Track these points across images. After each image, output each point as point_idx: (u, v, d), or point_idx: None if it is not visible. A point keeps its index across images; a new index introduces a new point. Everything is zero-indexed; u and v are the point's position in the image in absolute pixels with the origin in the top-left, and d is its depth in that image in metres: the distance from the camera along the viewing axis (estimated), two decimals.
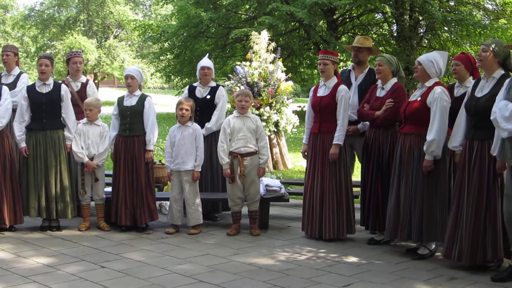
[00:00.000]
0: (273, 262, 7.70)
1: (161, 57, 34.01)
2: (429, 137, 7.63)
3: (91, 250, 8.16)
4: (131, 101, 9.39)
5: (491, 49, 7.18)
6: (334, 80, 8.87)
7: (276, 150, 15.08)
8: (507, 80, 6.92)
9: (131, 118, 9.30)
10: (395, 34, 32.44)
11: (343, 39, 32.58)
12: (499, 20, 31.91)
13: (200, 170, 9.28)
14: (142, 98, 9.40)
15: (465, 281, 6.98)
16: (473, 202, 7.20)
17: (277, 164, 15.08)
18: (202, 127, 9.82)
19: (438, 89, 7.77)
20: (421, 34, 32.87)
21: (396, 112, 8.30)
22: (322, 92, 8.88)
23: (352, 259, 7.91)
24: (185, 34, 31.07)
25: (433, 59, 7.93)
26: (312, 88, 9.17)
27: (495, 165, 7.00)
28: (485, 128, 7.09)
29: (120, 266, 7.40)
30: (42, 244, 8.42)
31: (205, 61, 10.31)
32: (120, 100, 9.52)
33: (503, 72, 7.20)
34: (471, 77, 8.06)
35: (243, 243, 8.64)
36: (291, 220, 10.14)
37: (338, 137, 8.67)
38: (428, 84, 7.92)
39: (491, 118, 6.70)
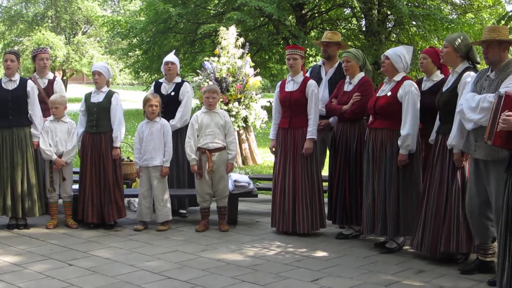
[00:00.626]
0: (241, 258, 7.70)
1: (130, 53, 33.86)
2: (404, 131, 7.67)
3: (58, 248, 8.09)
4: (98, 98, 9.32)
5: (451, 45, 7.25)
6: (302, 75, 8.89)
7: (245, 145, 15.09)
8: (467, 73, 7.02)
9: (98, 115, 9.24)
10: (364, 29, 32.56)
11: (312, 34, 32.66)
12: (467, 15, 32.12)
13: (168, 165, 9.25)
14: (110, 94, 9.34)
15: (433, 274, 7.03)
16: (434, 195, 7.30)
17: (246, 159, 15.08)
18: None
19: (408, 83, 7.84)
20: (390, 28, 33.03)
21: (363, 106, 8.33)
22: (290, 87, 8.88)
23: (320, 253, 7.93)
24: (153, 30, 30.94)
25: (401, 54, 7.97)
26: (279, 84, 9.16)
27: None
28: (447, 122, 7.18)
29: (87, 264, 7.35)
30: (9, 242, 8.34)
31: (170, 56, 10.26)
32: (87, 96, 9.45)
33: (466, 65, 7.26)
34: (438, 71, 8.12)
35: (212, 239, 8.62)
36: (260, 216, 10.14)
37: (312, 132, 8.69)
38: (397, 78, 7.95)
39: (457, 110, 6.76)
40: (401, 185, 7.85)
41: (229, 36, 14.71)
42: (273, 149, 9.09)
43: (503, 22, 11.52)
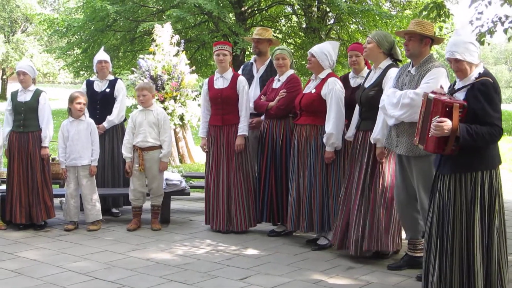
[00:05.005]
0: (171, 257, 7.63)
1: (69, 52, 33.37)
2: (328, 129, 7.73)
3: None
4: (25, 97, 9.13)
5: (374, 40, 7.29)
6: (231, 71, 8.89)
7: (182, 143, 15.01)
8: (392, 69, 7.07)
9: (25, 114, 9.06)
10: (304, 26, 32.64)
11: (252, 30, 32.61)
12: (405, 12, 32.39)
13: (96, 164, 9.14)
14: (37, 93, 9.16)
15: (362, 270, 7.07)
16: (355, 192, 7.35)
17: (184, 157, 15.01)
18: (103, 120, 9.81)
19: (331, 80, 7.91)
20: (330, 26, 33.16)
21: (289, 103, 8.34)
22: (220, 84, 8.85)
23: (251, 251, 7.90)
24: (92, 28, 30.56)
25: (326, 51, 8.01)
26: (206, 81, 9.13)
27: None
28: (369, 118, 7.24)
29: (13, 266, 7.21)
30: None
31: (102, 55, 10.14)
32: (14, 95, 9.24)
33: (389, 62, 7.31)
34: (366, 67, 8.18)
35: (143, 239, 8.53)
36: (193, 214, 10.09)
37: (243, 128, 8.72)
38: (322, 75, 7.99)
39: (380, 105, 6.80)
40: (326, 181, 7.89)
41: (164, 33, 14.60)
42: (204, 147, 9.03)
43: (425, 12, 11.65)
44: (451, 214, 5.49)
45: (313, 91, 7.97)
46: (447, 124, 5.30)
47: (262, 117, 8.97)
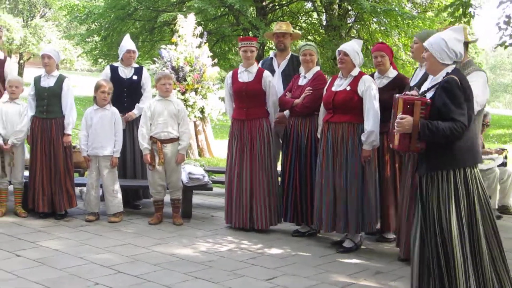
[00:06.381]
0: (194, 253, 7.52)
1: (88, 39, 33.36)
2: (368, 127, 7.62)
3: (6, 237, 7.84)
4: (49, 82, 9.03)
5: (422, 41, 7.16)
6: (256, 65, 8.82)
7: (201, 137, 14.89)
8: None
9: (48, 100, 8.95)
10: (324, 23, 32.52)
11: (273, 25, 32.52)
12: (427, 13, 32.25)
13: (119, 155, 9.03)
14: (61, 79, 9.07)
15: (390, 276, 6.93)
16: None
17: (203, 151, 14.89)
18: (132, 107, 9.77)
19: (367, 78, 7.85)
20: (350, 24, 33.04)
21: (316, 100, 8.23)
22: (245, 77, 8.76)
23: (276, 251, 7.78)
24: (112, 16, 30.53)
25: (357, 50, 7.94)
26: (229, 75, 9.03)
27: None
28: None
29: (35, 255, 7.11)
30: None
31: (130, 44, 10.04)
32: (37, 80, 9.12)
33: None
34: (391, 67, 8.18)
35: (165, 233, 8.43)
36: (215, 210, 9.99)
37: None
38: (354, 73, 7.89)
39: None
40: (363, 181, 7.76)
41: (187, 24, 14.48)
42: None
43: (450, 9, 11.50)
44: (430, 214, 5.54)
45: (348, 88, 7.83)
46: (408, 120, 5.43)
47: (286, 112, 8.84)
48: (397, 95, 5.69)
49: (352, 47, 7.96)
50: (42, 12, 55.60)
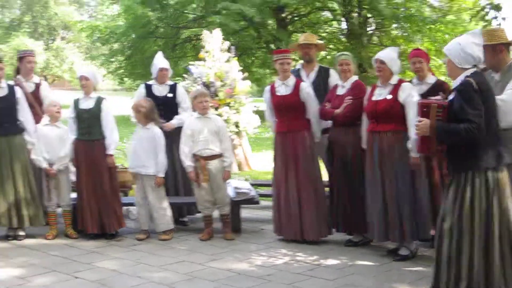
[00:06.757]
0: (251, 268, 7.49)
1: (112, 59, 33.53)
2: (413, 135, 7.53)
3: (61, 259, 7.87)
4: (88, 104, 9.07)
5: None
6: (292, 78, 8.78)
7: (238, 151, 14.89)
8: None
9: (89, 121, 8.98)
10: (346, 32, 32.51)
11: (293, 37, 32.56)
12: (447, 17, 32.14)
13: (163, 175, 9.01)
14: (99, 100, 9.11)
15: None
16: None
17: (241, 165, 14.90)
18: None
19: (408, 86, 7.83)
20: (371, 31, 33.01)
21: (356, 109, 8.21)
22: (283, 90, 8.74)
23: (332, 261, 7.72)
24: (133, 35, 30.68)
25: (394, 57, 7.93)
26: (268, 88, 9.02)
27: None
28: None
29: (94, 276, 7.12)
30: (9, 254, 8.14)
31: (163, 62, 10.02)
32: (76, 102, 9.15)
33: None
34: (430, 73, 8.19)
35: (218, 248, 8.41)
36: (263, 223, 9.93)
37: (316, 134, 8.77)
38: (393, 81, 7.85)
39: None
40: (413, 188, 7.71)
41: (213, 39, 14.48)
42: None
43: (483, 12, 11.42)
44: (456, 215, 5.61)
45: (389, 97, 7.79)
46: (425, 123, 5.62)
47: (327, 122, 8.82)
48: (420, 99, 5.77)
49: (389, 55, 7.93)
50: (62, 34, 56.01)
